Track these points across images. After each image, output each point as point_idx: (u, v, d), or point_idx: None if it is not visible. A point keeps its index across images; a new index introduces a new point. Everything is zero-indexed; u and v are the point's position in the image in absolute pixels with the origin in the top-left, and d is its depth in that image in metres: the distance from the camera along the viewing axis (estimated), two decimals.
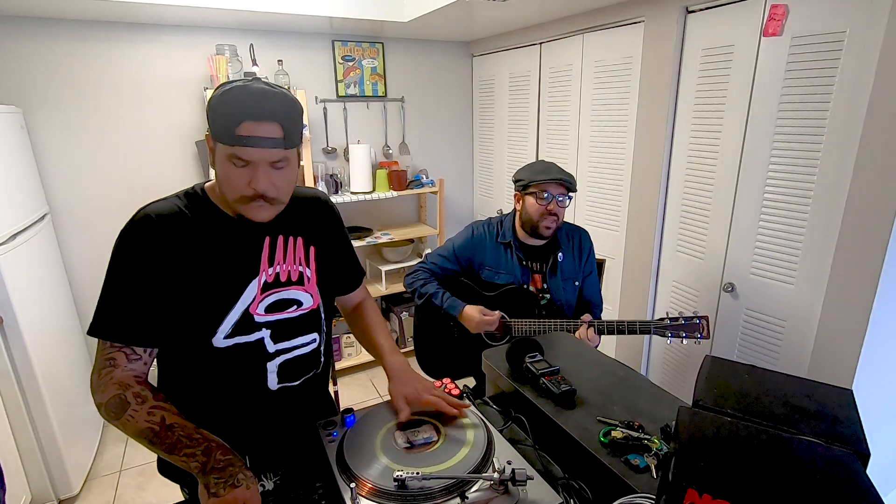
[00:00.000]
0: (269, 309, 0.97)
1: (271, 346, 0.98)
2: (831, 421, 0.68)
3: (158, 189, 2.66)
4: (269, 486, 0.85)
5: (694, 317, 1.54)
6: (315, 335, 1.05)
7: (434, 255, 1.87)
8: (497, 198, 3.37)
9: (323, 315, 1.07)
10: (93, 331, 0.88)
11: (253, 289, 0.94)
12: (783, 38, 1.65)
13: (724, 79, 1.86)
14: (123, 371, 0.87)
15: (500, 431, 0.98)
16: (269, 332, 0.97)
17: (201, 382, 0.98)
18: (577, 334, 1.62)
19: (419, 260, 1.93)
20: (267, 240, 0.97)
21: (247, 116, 0.80)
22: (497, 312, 1.68)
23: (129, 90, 2.51)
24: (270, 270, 0.96)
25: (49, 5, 2.09)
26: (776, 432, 0.63)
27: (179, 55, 2.57)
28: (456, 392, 1.08)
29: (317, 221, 1.07)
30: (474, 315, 1.67)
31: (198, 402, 0.97)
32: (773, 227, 1.78)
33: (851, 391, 0.74)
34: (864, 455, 0.61)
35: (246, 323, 0.94)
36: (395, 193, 3.01)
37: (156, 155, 2.64)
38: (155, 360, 0.96)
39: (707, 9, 1.91)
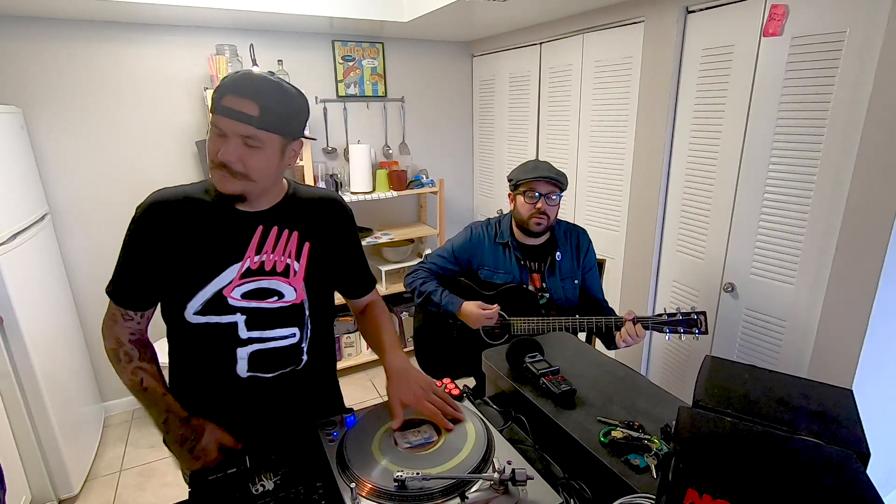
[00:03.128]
0: (248, 296, 1.00)
1: (244, 333, 1.00)
2: (831, 421, 0.68)
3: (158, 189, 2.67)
4: (270, 486, 0.85)
5: (692, 312, 1.54)
6: (295, 329, 1.05)
7: (434, 255, 1.87)
8: (497, 198, 3.37)
9: (308, 311, 1.07)
10: (108, 291, 1.03)
11: (232, 272, 0.98)
12: (783, 38, 1.66)
13: (724, 79, 1.86)
14: (122, 327, 1.02)
15: (500, 431, 0.97)
16: (244, 317, 1.00)
17: (181, 356, 1.07)
18: (622, 332, 1.58)
19: (419, 260, 1.93)
20: (260, 229, 1.01)
21: (231, 92, 0.89)
22: (495, 306, 1.68)
23: (129, 90, 2.51)
24: (256, 258, 1.00)
25: (49, 5, 2.09)
26: (776, 432, 0.63)
27: (179, 55, 2.57)
28: (456, 392, 1.08)
29: (320, 220, 1.09)
30: (473, 310, 1.67)
31: (181, 376, 1.08)
32: (773, 227, 1.78)
33: (851, 391, 0.74)
34: (864, 455, 0.61)
35: (218, 304, 0.98)
36: (395, 193, 3.01)
37: (156, 155, 2.64)
38: (150, 321, 1.07)
39: (707, 9, 1.91)
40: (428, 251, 3.21)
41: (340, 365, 3.13)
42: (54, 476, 2.07)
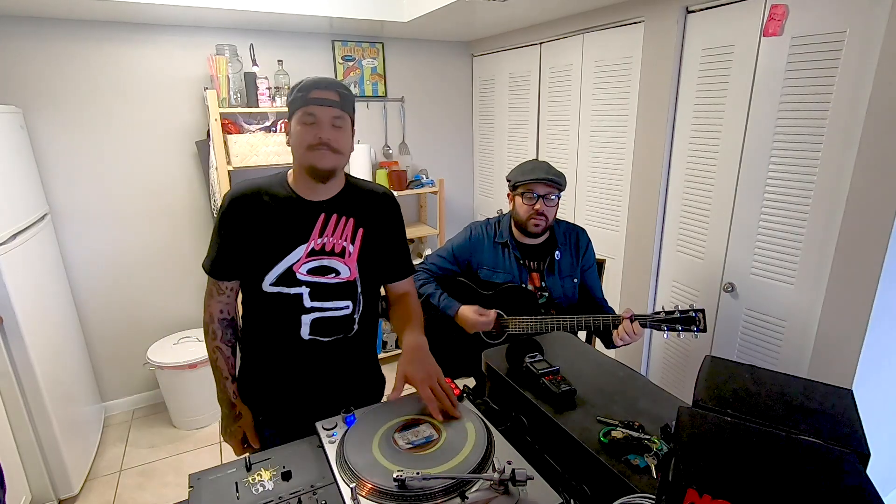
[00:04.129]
0: (312, 272, 1.17)
1: (308, 302, 1.18)
2: (831, 421, 0.68)
3: (158, 189, 2.68)
4: (270, 486, 0.85)
5: (690, 310, 1.53)
6: (349, 303, 1.22)
7: (433, 255, 1.88)
8: (497, 198, 3.37)
9: (360, 288, 1.23)
10: (203, 265, 1.22)
11: (300, 252, 1.16)
12: (783, 38, 1.66)
13: (724, 79, 1.86)
14: (216, 302, 1.23)
15: (500, 431, 0.97)
16: (308, 290, 1.18)
17: (255, 321, 1.24)
18: (619, 330, 1.58)
19: (419, 260, 1.93)
20: (322, 216, 1.18)
21: (316, 87, 1.11)
22: (493, 312, 1.68)
23: (129, 90, 2.51)
24: (319, 240, 1.18)
25: (49, 5, 2.09)
26: (776, 432, 0.63)
27: (179, 55, 2.57)
28: (456, 392, 1.08)
29: (371, 209, 1.25)
30: (469, 315, 1.67)
31: (253, 338, 1.27)
32: (773, 227, 1.78)
33: (851, 391, 0.74)
34: (864, 455, 0.61)
35: (289, 277, 1.16)
36: (395, 193, 3.01)
37: (156, 155, 2.64)
38: (238, 295, 1.26)
39: (707, 9, 1.91)
40: (428, 251, 3.21)
41: None
42: (54, 476, 2.07)
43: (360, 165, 2.91)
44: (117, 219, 2.62)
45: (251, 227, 1.16)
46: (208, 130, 2.56)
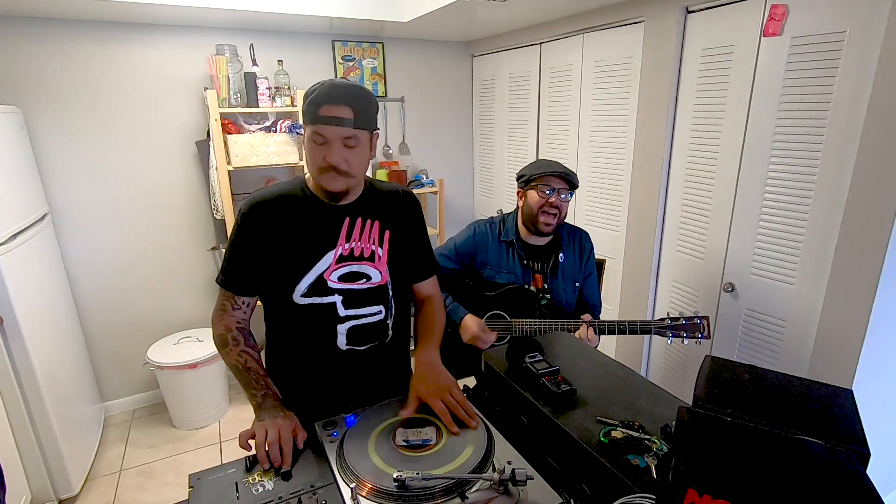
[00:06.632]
0: (343, 278, 1.14)
1: (342, 311, 1.14)
2: (831, 421, 0.68)
3: (158, 189, 2.68)
4: (269, 486, 0.85)
5: (694, 317, 1.54)
6: (381, 308, 1.19)
7: (435, 253, 1.87)
8: (497, 198, 3.37)
9: (391, 292, 1.20)
10: (218, 280, 1.15)
11: (329, 259, 1.12)
12: (783, 38, 1.66)
13: (724, 79, 1.86)
14: (230, 316, 1.15)
15: (500, 431, 0.97)
16: (341, 297, 1.14)
17: (283, 335, 1.20)
18: (576, 334, 1.62)
19: None
20: (347, 220, 1.14)
21: (326, 101, 1.01)
22: (493, 335, 1.68)
23: (129, 90, 2.51)
24: (347, 245, 1.14)
25: (49, 5, 2.09)
26: (776, 432, 0.63)
27: (179, 55, 2.57)
28: None
29: (395, 210, 1.22)
30: (472, 327, 1.66)
31: (281, 353, 1.22)
32: (773, 227, 1.78)
33: (851, 391, 0.74)
34: (864, 455, 0.61)
35: (320, 286, 1.12)
36: None
37: (156, 155, 2.64)
38: (254, 312, 1.20)
39: (707, 9, 1.91)
40: None
41: None
42: (54, 476, 2.07)
43: None
44: (117, 219, 2.62)
45: (275, 235, 1.10)
46: (208, 130, 2.56)
